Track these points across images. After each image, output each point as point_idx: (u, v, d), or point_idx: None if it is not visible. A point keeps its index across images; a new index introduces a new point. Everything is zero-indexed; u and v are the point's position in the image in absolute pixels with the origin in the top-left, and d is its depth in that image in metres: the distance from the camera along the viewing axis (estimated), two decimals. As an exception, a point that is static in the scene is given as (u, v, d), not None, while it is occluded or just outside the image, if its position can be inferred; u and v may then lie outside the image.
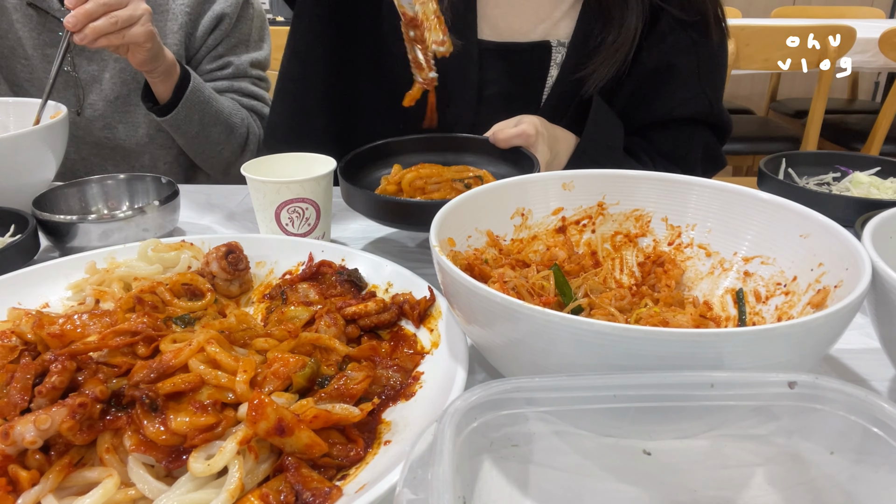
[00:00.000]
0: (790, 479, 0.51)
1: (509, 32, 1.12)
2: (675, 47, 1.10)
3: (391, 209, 0.89)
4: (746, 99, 4.29)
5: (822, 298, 0.58)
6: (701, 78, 1.13)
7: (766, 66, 2.39)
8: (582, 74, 1.09)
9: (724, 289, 0.69)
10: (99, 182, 1.02)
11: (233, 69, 1.48)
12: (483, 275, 0.66)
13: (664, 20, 1.09)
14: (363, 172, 1.01)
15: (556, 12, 1.12)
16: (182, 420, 0.51)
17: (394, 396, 0.61)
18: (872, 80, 4.53)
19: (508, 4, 1.12)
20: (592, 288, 0.68)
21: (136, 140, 1.46)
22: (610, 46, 1.07)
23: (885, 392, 0.66)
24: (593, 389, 0.45)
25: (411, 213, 0.87)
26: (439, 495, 0.37)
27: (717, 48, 1.13)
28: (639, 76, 1.12)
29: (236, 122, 1.43)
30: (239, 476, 0.49)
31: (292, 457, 0.51)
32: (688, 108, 1.15)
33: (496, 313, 0.51)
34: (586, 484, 0.52)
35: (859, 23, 2.65)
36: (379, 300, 0.71)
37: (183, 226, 1.04)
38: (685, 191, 0.73)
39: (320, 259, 0.81)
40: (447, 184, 0.93)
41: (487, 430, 0.45)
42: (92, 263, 0.78)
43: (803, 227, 0.63)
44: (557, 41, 1.12)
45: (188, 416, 0.51)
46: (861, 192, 1.07)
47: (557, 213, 0.76)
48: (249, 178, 0.89)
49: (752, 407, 0.49)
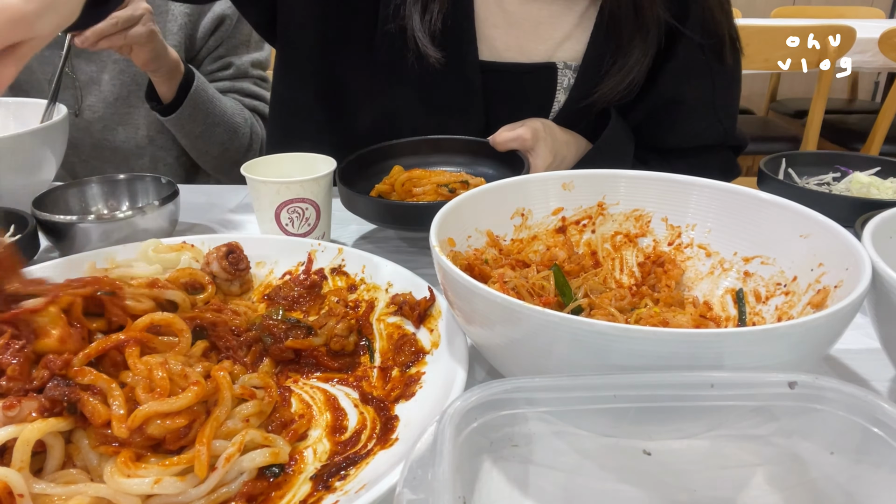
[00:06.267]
0: (790, 479, 0.51)
1: (509, 53, 1.09)
2: (690, 73, 1.08)
3: (388, 212, 0.89)
4: (746, 99, 4.28)
5: (822, 298, 0.58)
6: (716, 104, 1.11)
7: (765, 66, 2.39)
8: (591, 100, 1.06)
9: (724, 289, 0.69)
10: (99, 182, 1.02)
11: (234, 70, 1.48)
12: (483, 275, 0.66)
13: (680, 44, 1.06)
14: (363, 174, 1.02)
15: (556, 33, 1.08)
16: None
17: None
18: (872, 80, 4.53)
19: (507, 24, 1.08)
20: (592, 288, 0.68)
21: (136, 142, 1.46)
22: (621, 70, 1.03)
23: (885, 392, 0.66)
24: (593, 389, 0.45)
25: (407, 215, 0.87)
26: (439, 495, 0.37)
27: (733, 71, 1.11)
28: (653, 103, 1.11)
29: (239, 123, 1.43)
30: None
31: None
32: (702, 139, 1.14)
33: (496, 313, 0.51)
34: (586, 484, 0.52)
35: (859, 23, 2.65)
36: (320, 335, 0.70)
37: (183, 226, 1.04)
38: (685, 191, 0.73)
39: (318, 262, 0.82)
40: (433, 188, 0.94)
41: (487, 430, 0.45)
42: (92, 263, 0.78)
43: (803, 227, 0.63)
44: (564, 63, 1.09)
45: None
46: (861, 192, 1.07)
47: (557, 213, 0.76)
48: (249, 179, 0.89)
49: (751, 407, 0.49)
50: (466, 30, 1.05)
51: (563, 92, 1.10)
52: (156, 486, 0.48)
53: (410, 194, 0.95)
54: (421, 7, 1.00)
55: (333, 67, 1.12)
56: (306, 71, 1.15)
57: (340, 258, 0.82)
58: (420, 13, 1.00)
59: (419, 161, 1.04)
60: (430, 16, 1.00)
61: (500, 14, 1.07)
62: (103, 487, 0.49)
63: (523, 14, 1.07)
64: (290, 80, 1.20)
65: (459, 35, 1.05)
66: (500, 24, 1.08)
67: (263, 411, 0.57)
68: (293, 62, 1.16)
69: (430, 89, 1.08)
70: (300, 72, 1.16)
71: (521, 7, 1.07)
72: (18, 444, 0.49)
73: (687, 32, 1.05)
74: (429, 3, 1.00)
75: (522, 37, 1.08)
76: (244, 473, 0.52)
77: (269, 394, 0.59)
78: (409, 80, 1.07)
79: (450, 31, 1.02)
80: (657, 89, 1.09)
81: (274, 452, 0.53)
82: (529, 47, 1.09)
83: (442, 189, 0.93)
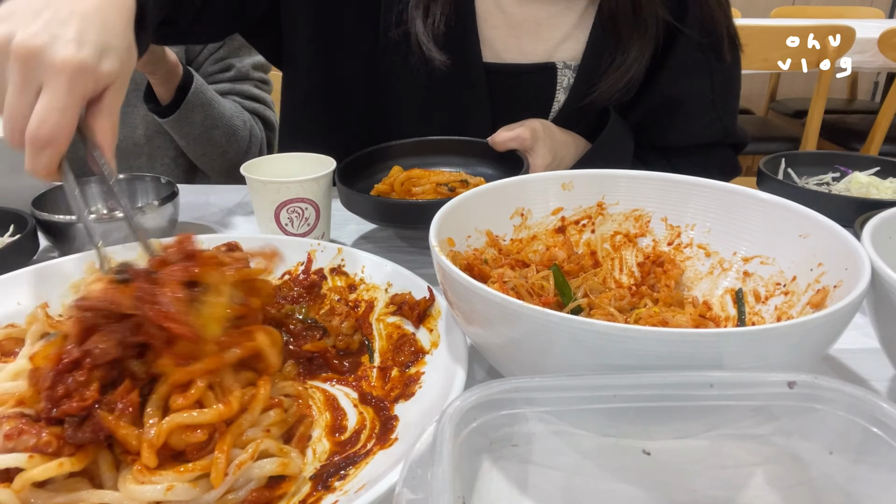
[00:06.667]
0: (790, 479, 0.51)
1: (509, 54, 1.09)
2: (689, 71, 1.08)
3: (387, 211, 0.89)
4: (746, 99, 4.29)
5: (822, 298, 0.58)
6: (716, 102, 1.11)
7: (765, 66, 2.39)
8: (590, 98, 1.06)
9: (724, 289, 0.69)
10: (98, 182, 1.02)
11: (234, 72, 1.48)
12: (483, 275, 0.66)
13: (679, 42, 1.06)
14: (362, 175, 1.02)
15: (556, 33, 1.08)
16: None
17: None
18: (872, 80, 4.53)
19: (507, 25, 1.08)
20: (592, 288, 0.68)
21: (134, 141, 1.46)
22: (619, 68, 1.04)
23: (885, 392, 0.66)
24: (593, 389, 0.45)
25: (407, 214, 0.87)
26: (439, 495, 0.37)
27: (732, 68, 1.11)
28: (652, 102, 1.11)
29: (238, 125, 1.43)
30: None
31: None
32: (703, 138, 1.14)
33: (496, 313, 0.51)
34: (586, 484, 0.52)
35: (859, 23, 2.65)
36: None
37: (183, 226, 1.04)
38: (685, 191, 0.73)
39: (317, 262, 0.81)
40: (433, 187, 0.94)
41: (487, 430, 0.45)
42: (91, 263, 0.78)
43: (803, 227, 0.63)
44: (563, 63, 1.08)
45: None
46: (860, 192, 1.07)
47: (557, 213, 0.76)
48: (249, 178, 0.89)
49: (751, 407, 0.49)
50: (469, 32, 1.05)
51: (563, 92, 1.10)
52: (168, 493, 0.48)
53: (410, 194, 0.95)
54: (423, 11, 1.00)
55: (338, 78, 1.12)
56: (311, 85, 1.15)
57: (340, 258, 0.81)
58: (423, 17, 1.00)
59: (418, 161, 1.04)
60: (433, 19, 1.00)
61: (500, 15, 1.07)
62: (108, 493, 0.49)
63: (523, 15, 1.07)
64: (295, 95, 1.20)
65: (463, 37, 1.05)
66: (500, 25, 1.08)
67: (287, 421, 0.57)
68: (298, 77, 1.17)
69: (436, 93, 1.08)
70: (305, 87, 1.16)
71: (521, 8, 1.07)
72: (20, 479, 0.47)
73: (685, 30, 1.05)
74: (431, 7, 1.00)
75: (522, 37, 1.08)
76: (252, 481, 0.52)
77: (300, 405, 0.58)
78: (415, 85, 1.07)
79: (453, 34, 1.02)
80: (656, 88, 1.09)
81: (284, 463, 0.52)
82: (529, 48, 1.09)
83: (441, 188, 0.93)
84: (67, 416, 0.49)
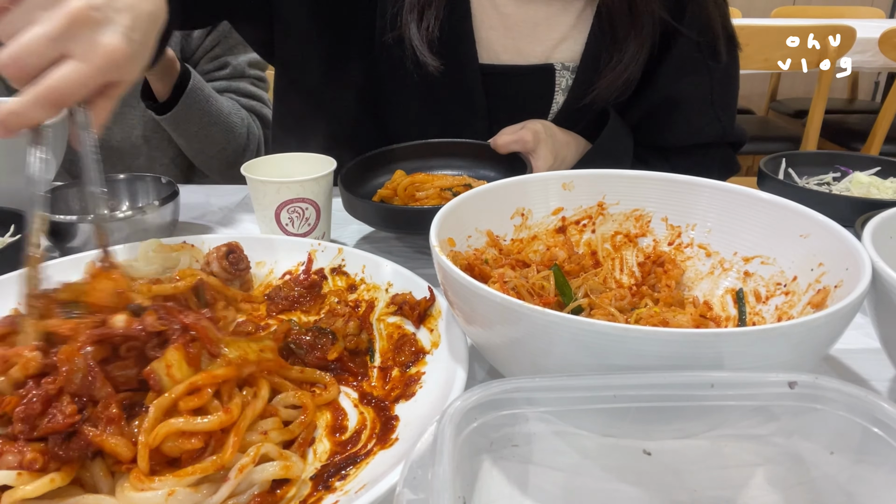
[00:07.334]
0: (790, 479, 0.51)
1: (507, 56, 1.08)
2: (687, 70, 1.08)
3: (390, 217, 0.89)
4: (746, 99, 4.29)
5: (822, 298, 0.58)
6: (714, 101, 1.11)
7: (765, 66, 2.39)
8: (588, 98, 1.06)
9: (724, 289, 0.69)
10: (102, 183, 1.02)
11: (231, 69, 1.47)
12: (483, 275, 0.66)
13: (676, 41, 1.06)
14: (365, 179, 1.02)
15: (554, 34, 1.08)
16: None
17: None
18: (872, 80, 4.53)
19: (503, 26, 1.07)
20: (592, 288, 0.68)
21: (132, 142, 1.46)
22: (616, 66, 1.03)
23: (885, 392, 0.66)
24: (593, 389, 0.45)
25: (410, 220, 0.87)
26: (439, 495, 0.37)
27: (729, 67, 1.11)
28: (651, 101, 1.10)
29: (236, 122, 1.43)
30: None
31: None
32: (702, 137, 1.14)
33: (496, 313, 0.51)
34: (586, 484, 0.52)
35: (859, 23, 2.65)
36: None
37: (183, 226, 1.04)
38: (685, 191, 0.73)
39: (318, 262, 0.81)
40: (436, 192, 0.94)
41: (487, 430, 0.45)
42: (91, 263, 0.78)
43: (803, 227, 0.63)
44: (562, 64, 1.08)
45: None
46: (861, 192, 1.07)
47: (557, 213, 0.76)
48: (249, 178, 0.89)
49: (751, 407, 0.49)
50: (465, 35, 1.05)
51: (562, 93, 1.10)
52: (170, 499, 0.47)
53: (413, 199, 0.95)
54: (417, 16, 1.00)
55: (333, 81, 1.11)
56: (306, 86, 1.14)
57: (340, 258, 0.81)
58: (417, 22, 1.00)
59: (420, 165, 1.04)
60: (427, 24, 1.00)
61: (497, 16, 1.07)
62: (105, 499, 0.48)
63: (520, 16, 1.07)
64: (289, 97, 1.19)
65: (458, 41, 1.04)
66: (497, 27, 1.07)
67: (292, 430, 0.57)
68: (292, 79, 1.16)
69: (432, 96, 1.08)
70: (299, 88, 1.16)
71: (518, 9, 1.07)
72: (9, 496, 0.47)
73: (683, 30, 1.05)
74: (425, 12, 1.00)
75: (520, 39, 1.08)
76: (255, 486, 0.51)
77: (306, 415, 0.58)
78: (410, 88, 1.07)
79: (448, 38, 1.02)
80: (654, 87, 1.09)
81: (286, 466, 0.52)
82: (527, 49, 1.08)
83: (445, 193, 0.93)
84: (52, 434, 0.48)
